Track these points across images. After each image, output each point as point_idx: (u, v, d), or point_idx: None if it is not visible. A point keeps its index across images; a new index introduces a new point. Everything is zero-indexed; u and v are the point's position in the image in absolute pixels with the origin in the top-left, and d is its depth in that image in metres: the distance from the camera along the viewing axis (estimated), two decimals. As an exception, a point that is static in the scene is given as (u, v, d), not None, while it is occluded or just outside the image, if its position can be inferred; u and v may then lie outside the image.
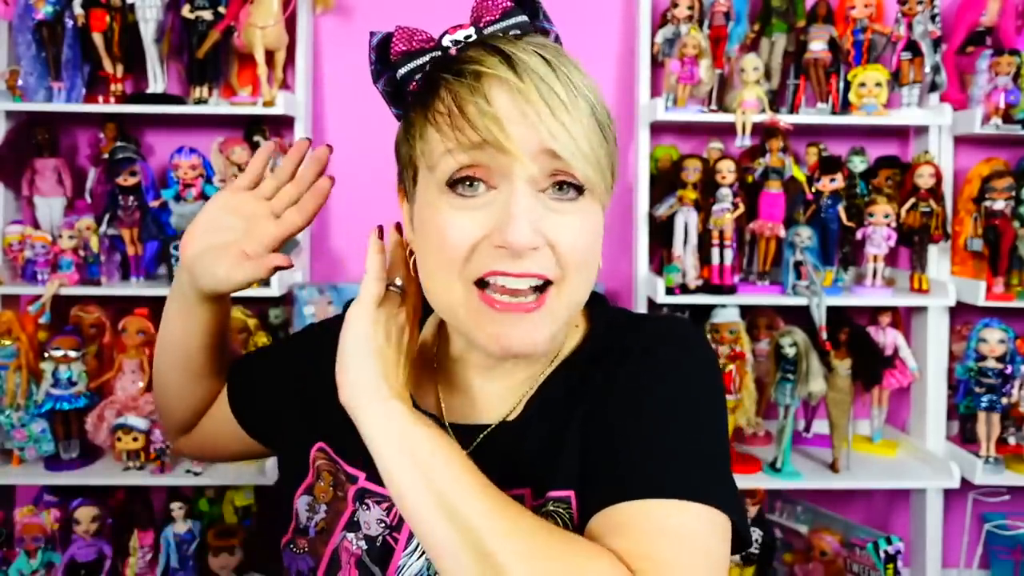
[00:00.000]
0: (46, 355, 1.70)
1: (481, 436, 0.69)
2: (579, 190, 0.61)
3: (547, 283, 0.61)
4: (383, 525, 0.68)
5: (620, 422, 0.62)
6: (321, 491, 0.72)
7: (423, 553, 0.66)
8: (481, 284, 0.61)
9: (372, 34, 0.71)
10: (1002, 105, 1.80)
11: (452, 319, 0.65)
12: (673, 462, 0.60)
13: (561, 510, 0.62)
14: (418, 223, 0.66)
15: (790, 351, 1.70)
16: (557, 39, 0.67)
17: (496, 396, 0.71)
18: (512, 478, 0.64)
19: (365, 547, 0.68)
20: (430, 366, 0.76)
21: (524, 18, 0.65)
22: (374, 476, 0.66)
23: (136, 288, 1.78)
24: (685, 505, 0.57)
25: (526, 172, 0.58)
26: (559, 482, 0.64)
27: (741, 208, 1.81)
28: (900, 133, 2.03)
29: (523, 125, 0.58)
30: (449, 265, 0.61)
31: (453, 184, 0.61)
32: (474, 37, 0.65)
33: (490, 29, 0.65)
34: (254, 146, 1.85)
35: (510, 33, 0.64)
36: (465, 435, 0.69)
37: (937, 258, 1.91)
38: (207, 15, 1.78)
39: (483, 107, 0.58)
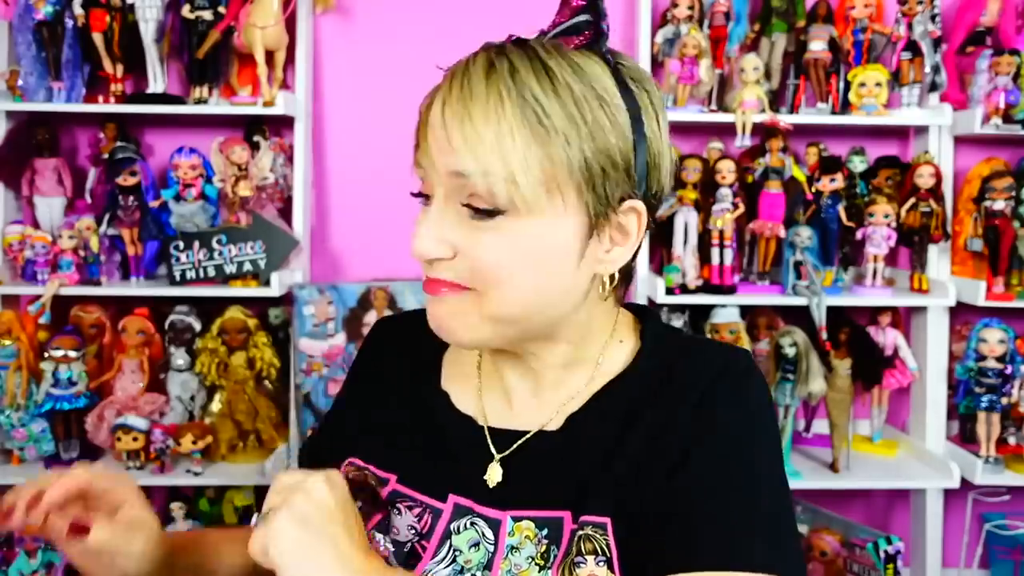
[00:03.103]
0: (46, 355, 1.70)
1: (518, 442, 0.68)
2: (491, 212, 0.59)
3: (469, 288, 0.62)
4: (413, 531, 0.67)
5: (694, 484, 0.61)
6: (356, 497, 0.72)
7: (451, 563, 0.65)
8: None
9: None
10: (1002, 105, 1.80)
11: None
12: (740, 530, 0.59)
13: (598, 535, 0.61)
14: None
15: (790, 351, 1.70)
16: (603, 37, 0.64)
17: (534, 403, 0.70)
18: (548, 493, 0.65)
19: (393, 550, 0.67)
20: (472, 363, 0.75)
21: (585, 18, 0.64)
22: (406, 479, 0.69)
23: (136, 288, 1.79)
24: None
25: (441, 188, 0.61)
26: (596, 507, 0.62)
27: (741, 208, 1.81)
28: (900, 133, 2.03)
29: (439, 136, 0.59)
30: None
31: (419, 194, 0.66)
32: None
33: (550, 32, 0.65)
34: (254, 146, 1.85)
35: (561, 28, 0.64)
36: (502, 440, 0.69)
37: (937, 258, 1.91)
38: (207, 15, 1.78)
39: (422, 116, 0.62)
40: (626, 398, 0.67)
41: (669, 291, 1.76)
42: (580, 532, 0.62)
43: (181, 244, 1.77)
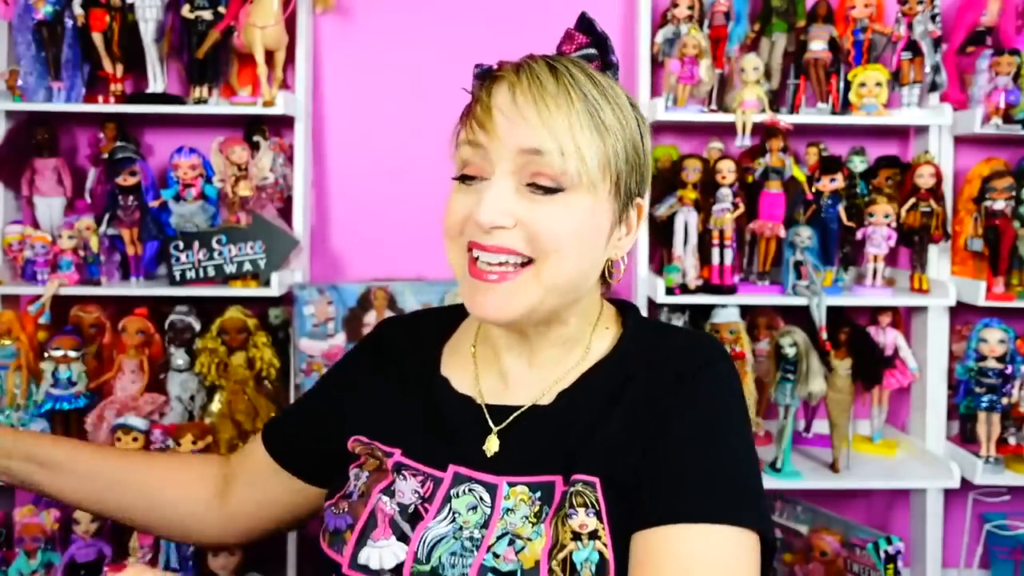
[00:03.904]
0: (46, 355, 1.70)
1: (513, 415, 0.77)
2: (556, 188, 0.68)
3: (528, 261, 0.69)
4: (416, 495, 0.75)
5: (679, 449, 0.70)
6: (366, 465, 0.80)
7: (451, 522, 0.73)
8: (472, 253, 0.71)
9: (477, 66, 0.79)
10: (1002, 105, 1.80)
11: (459, 288, 0.74)
12: (721, 489, 0.68)
13: (588, 491, 0.69)
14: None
15: (790, 351, 1.70)
16: (611, 67, 0.76)
17: (528, 381, 0.79)
18: (541, 460, 0.73)
19: (398, 510, 0.75)
20: (469, 351, 0.84)
21: (592, 51, 0.75)
22: (410, 452, 0.78)
23: (136, 288, 1.78)
24: (719, 529, 0.65)
25: (506, 165, 0.68)
26: (585, 469, 0.70)
27: (741, 208, 1.81)
28: (900, 133, 2.03)
29: (512, 117, 0.67)
30: (450, 235, 0.73)
31: (460, 178, 0.73)
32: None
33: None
34: (254, 146, 1.85)
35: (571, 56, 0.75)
36: (499, 415, 0.78)
37: (937, 258, 1.91)
38: (207, 15, 1.78)
39: (485, 102, 0.69)
40: (611, 377, 0.76)
41: (669, 291, 1.76)
42: (571, 489, 0.70)
43: (181, 244, 1.77)
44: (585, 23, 0.77)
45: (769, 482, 1.75)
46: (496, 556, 0.69)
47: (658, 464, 0.69)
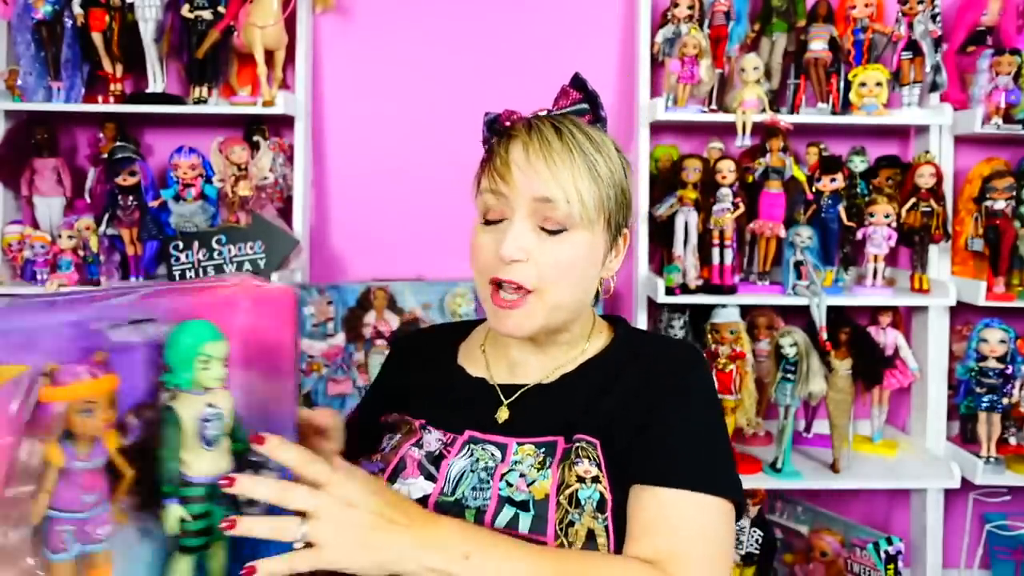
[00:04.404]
0: (45, 355, 1.70)
1: (521, 391, 0.92)
2: (560, 230, 0.83)
3: (529, 292, 0.84)
4: (440, 443, 0.89)
5: (668, 423, 0.84)
6: (398, 428, 0.95)
7: (469, 456, 0.87)
8: (496, 285, 0.85)
9: (487, 114, 0.91)
10: (1003, 105, 1.80)
11: (485, 309, 0.89)
12: (705, 461, 0.82)
13: (590, 448, 0.83)
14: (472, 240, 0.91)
15: (790, 351, 1.70)
16: (600, 120, 0.90)
17: (534, 367, 0.93)
18: (544, 425, 0.87)
19: (424, 455, 0.88)
20: (479, 352, 0.99)
21: (584, 107, 0.89)
22: (431, 422, 0.92)
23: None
24: (703, 498, 0.79)
25: (523, 209, 0.83)
26: (586, 429, 0.84)
27: (741, 208, 1.80)
28: (900, 133, 2.03)
29: (526, 171, 0.82)
30: (479, 269, 0.87)
31: (485, 221, 0.87)
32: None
33: (557, 112, 0.89)
34: (254, 146, 1.85)
35: (566, 111, 0.89)
36: (508, 391, 0.92)
37: (938, 258, 1.90)
38: (207, 15, 1.78)
39: (503, 156, 0.84)
40: (606, 367, 0.91)
41: (669, 291, 1.76)
42: (576, 444, 0.83)
43: (181, 244, 1.77)
44: (578, 82, 0.90)
45: (769, 482, 1.75)
46: (509, 485, 0.82)
47: (659, 438, 0.83)
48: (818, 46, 1.85)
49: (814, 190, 1.86)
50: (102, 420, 0.64)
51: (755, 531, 1.74)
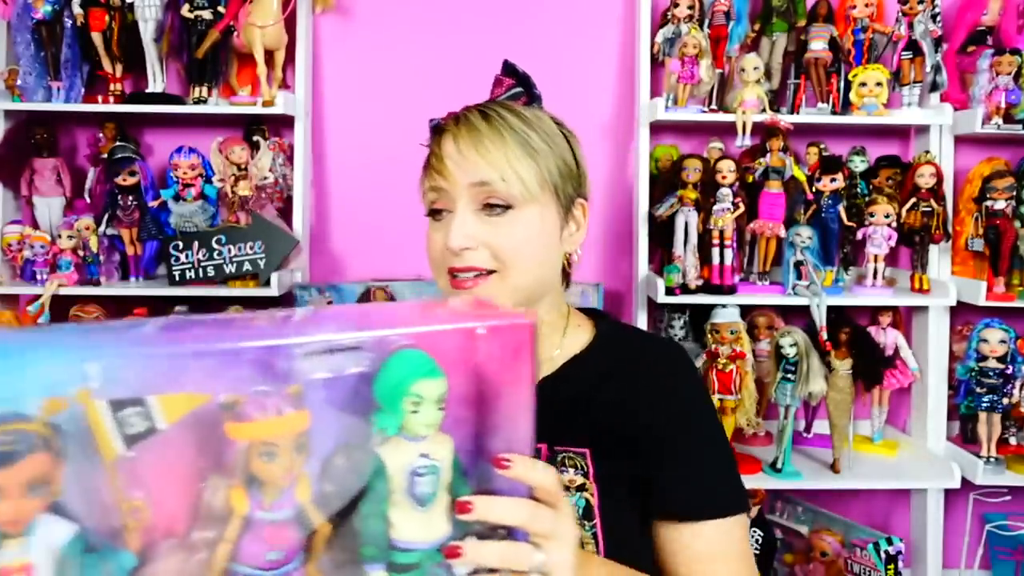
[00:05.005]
0: (45, 355, 1.70)
1: None
2: (506, 207, 0.83)
3: (491, 272, 0.84)
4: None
5: (690, 450, 0.85)
6: None
7: None
8: (453, 276, 0.85)
9: (431, 120, 0.94)
10: (1003, 105, 1.80)
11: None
12: (723, 485, 0.86)
13: (578, 459, 0.84)
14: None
15: (790, 351, 1.70)
16: (536, 99, 0.93)
17: None
18: None
19: None
20: None
21: (519, 90, 0.92)
22: None
23: (135, 288, 1.78)
24: (729, 521, 0.83)
25: (463, 198, 0.84)
26: (572, 440, 0.85)
27: (741, 208, 1.80)
28: (901, 133, 2.03)
29: (458, 161, 0.83)
30: (435, 264, 0.88)
31: (430, 213, 0.90)
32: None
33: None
34: (254, 146, 1.84)
35: (501, 98, 0.91)
36: None
37: (938, 258, 1.90)
38: (206, 14, 1.78)
39: (437, 152, 0.86)
40: (589, 369, 0.90)
41: (669, 291, 1.76)
42: (559, 458, 0.84)
43: (180, 244, 1.76)
44: (508, 68, 0.93)
45: (769, 482, 1.75)
46: None
47: (684, 467, 0.84)
48: (818, 46, 1.85)
49: (814, 190, 1.85)
50: (284, 467, 0.52)
51: (755, 531, 1.74)
